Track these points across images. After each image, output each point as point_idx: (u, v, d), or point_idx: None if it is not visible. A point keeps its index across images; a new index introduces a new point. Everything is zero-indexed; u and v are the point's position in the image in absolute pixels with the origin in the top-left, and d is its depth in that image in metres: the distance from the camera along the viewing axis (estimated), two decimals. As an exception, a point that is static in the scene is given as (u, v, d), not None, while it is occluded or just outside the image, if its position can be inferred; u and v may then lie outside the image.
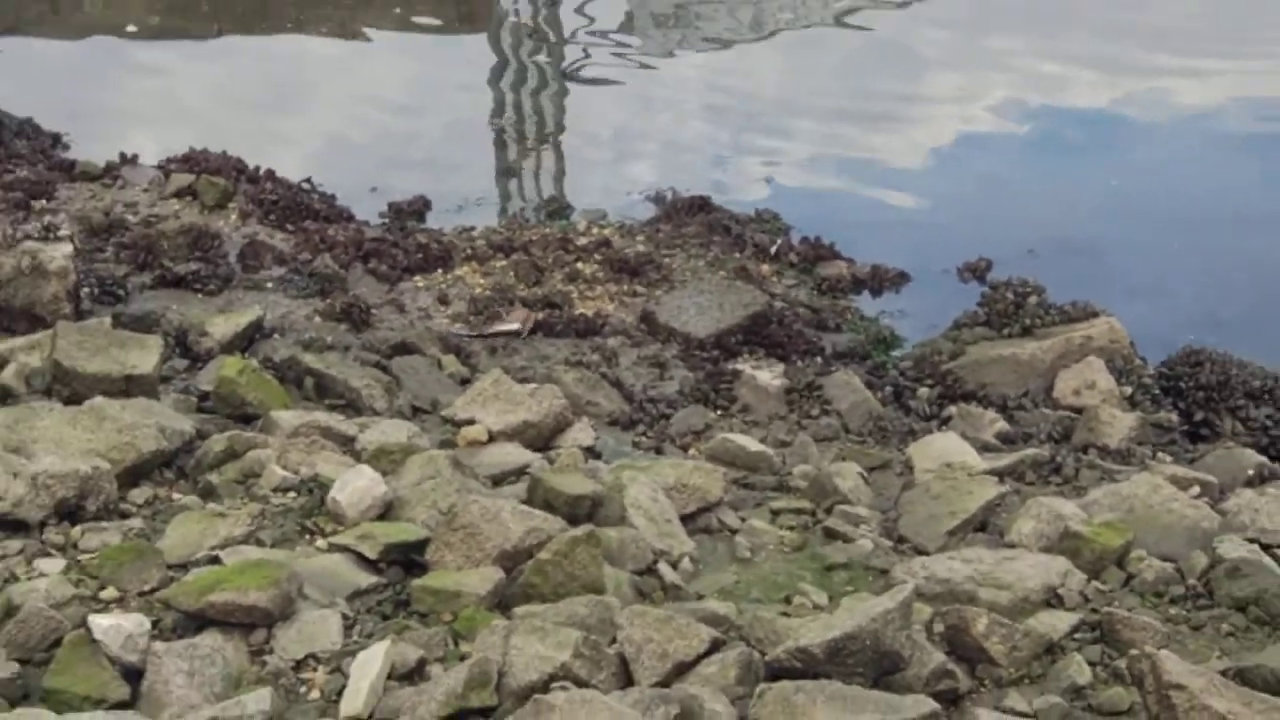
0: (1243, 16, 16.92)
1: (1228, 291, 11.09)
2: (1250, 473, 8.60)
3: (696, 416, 9.32)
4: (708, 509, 7.82)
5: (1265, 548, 7.30)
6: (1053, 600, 6.88)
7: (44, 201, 11.18)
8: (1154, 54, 15.62)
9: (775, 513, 7.94)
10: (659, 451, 8.84)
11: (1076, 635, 6.62)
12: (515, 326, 10.09)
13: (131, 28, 15.80)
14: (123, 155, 12.06)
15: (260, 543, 6.84)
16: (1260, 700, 5.70)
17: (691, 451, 8.81)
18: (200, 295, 10.04)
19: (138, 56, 15.35)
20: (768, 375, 9.77)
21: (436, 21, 17.01)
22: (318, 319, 9.93)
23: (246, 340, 9.34)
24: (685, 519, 7.65)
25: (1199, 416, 9.48)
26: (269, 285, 10.39)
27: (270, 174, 11.88)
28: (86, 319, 9.22)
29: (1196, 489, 8.10)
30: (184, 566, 6.58)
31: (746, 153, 13.79)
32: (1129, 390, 9.63)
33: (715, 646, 6.21)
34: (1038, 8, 17.24)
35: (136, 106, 13.91)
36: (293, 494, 7.28)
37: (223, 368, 8.62)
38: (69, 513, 6.93)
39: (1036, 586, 6.90)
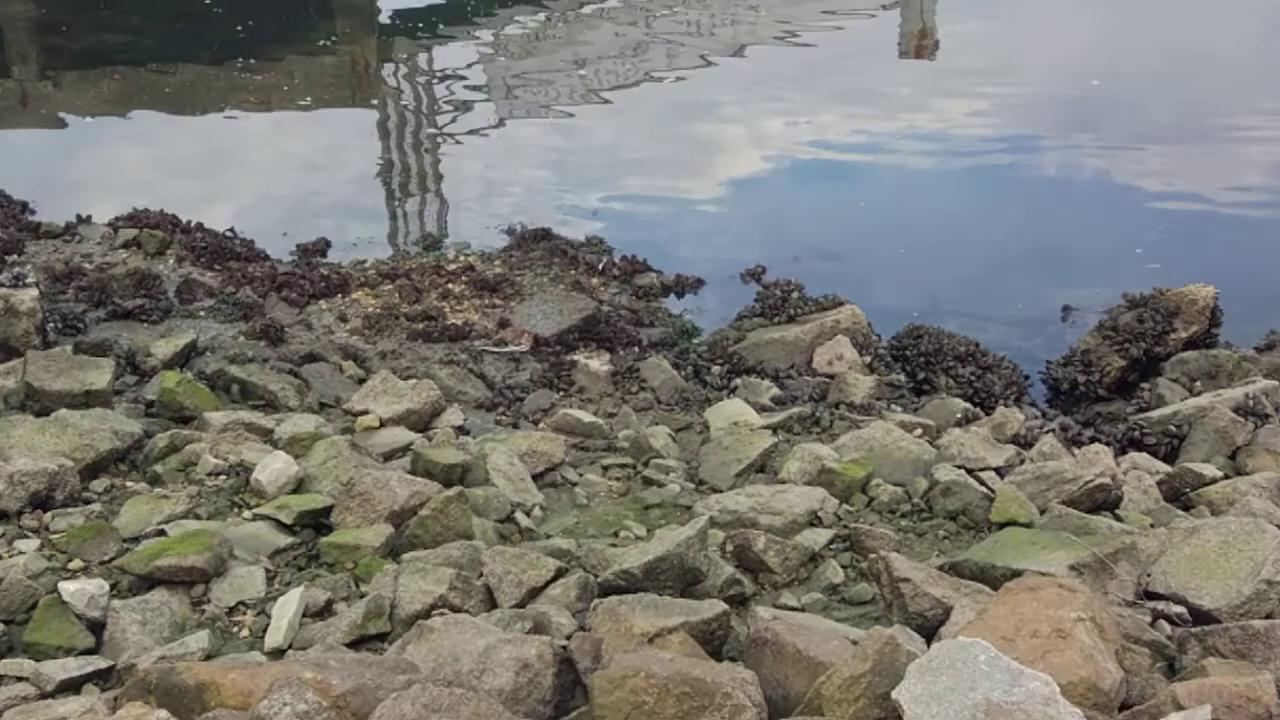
0: (947, 83, 17.16)
1: (941, 282, 11.24)
2: (958, 416, 8.79)
3: (544, 398, 9.31)
4: (553, 468, 7.83)
5: (969, 472, 7.46)
6: (814, 521, 6.97)
7: (15, 256, 10.86)
8: (889, 111, 15.79)
9: (605, 468, 7.98)
10: (515, 426, 8.80)
11: (832, 546, 6.73)
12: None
13: (86, 117, 15.48)
14: (79, 216, 11.79)
15: (198, 517, 6.77)
16: (966, 585, 5.83)
17: (540, 425, 8.77)
18: (145, 324, 9.83)
19: (90, 137, 15.05)
20: (598, 363, 9.80)
21: (333, 99, 16.80)
22: (241, 338, 9.77)
23: (184, 358, 9.17)
24: (536, 477, 7.66)
25: (921, 376, 9.64)
26: (201, 314, 10.19)
27: (200, 226, 11.70)
28: (52, 348, 9.04)
29: (919, 430, 8.26)
30: (136, 539, 6.50)
31: (580, 193, 13.76)
32: (868, 359, 9.75)
33: (560, 574, 6.24)
34: (798, 75, 17.34)
35: (89, 177, 13.61)
36: (223, 477, 7.20)
37: (164, 380, 8.48)
38: (41, 502, 6.81)
39: (802, 511, 6.99)
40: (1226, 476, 7.77)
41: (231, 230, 11.84)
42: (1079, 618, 4.98)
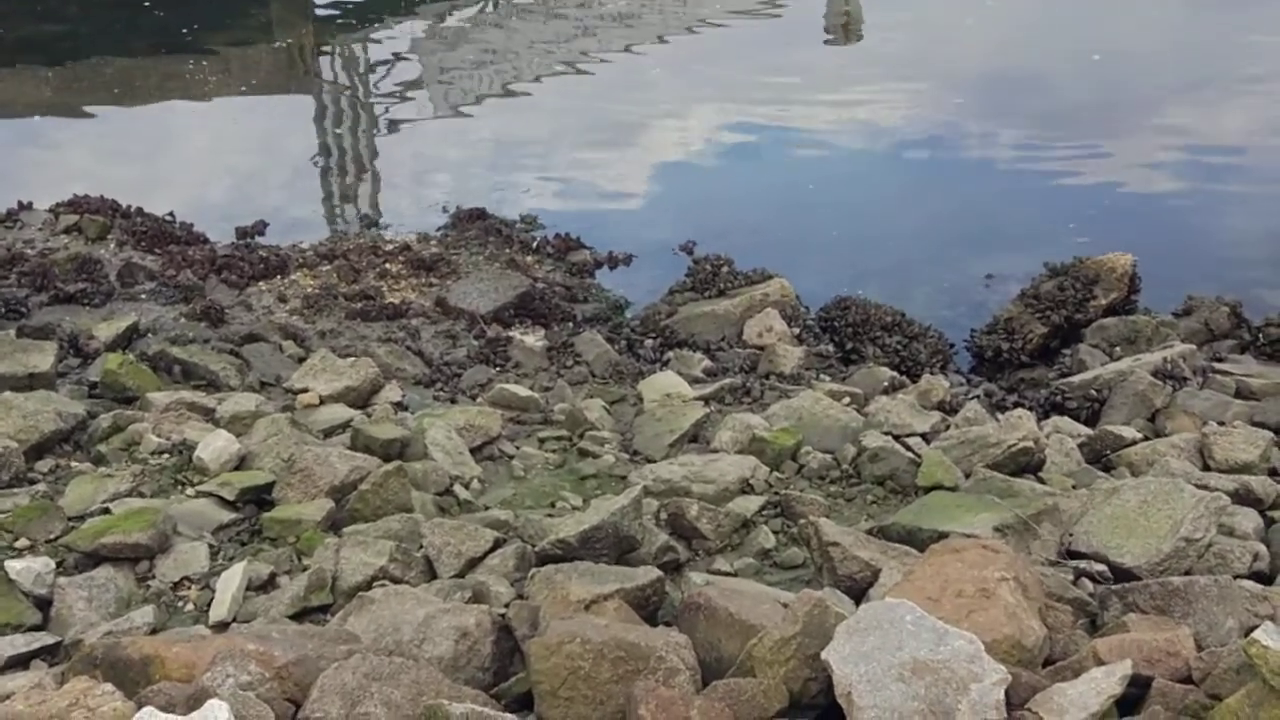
0: (872, 66, 17.16)
1: (867, 255, 11.27)
2: (885, 384, 8.80)
3: (481, 373, 9.26)
4: (490, 441, 7.80)
5: (896, 438, 7.48)
6: (746, 488, 6.98)
7: (-45, 244, 10.80)
8: (815, 93, 15.77)
9: (541, 440, 7.94)
10: (453, 402, 8.75)
11: (764, 512, 6.75)
12: None
13: (24, 106, 15.25)
14: (20, 203, 11.59)
15: (142, 495, 6.74)
16: (893, 548, 5.85)
17: (478, 400, 8.74)
18: (87, 308, 9.72)
19: (29, 126, 14.84)
20: (533, 339, 9.76)
21: (269, 86, 16.64)
22: (182, 320, 9.66)
23: (126, 340, 9.09)
24: (474, 450, 7.63)
25: (848, 346, 9.65)
26: (142, 296, 10.08)
27: (140, 211, 11.54)
28: (-5, 333, 8.97)
29: (847, 399, 8.26)
30: (81, 518, 6.49)
31: (514, 174, 13.69)
32: (797, 331, 9.77)
33: (498, 544, 6.24)
34: (726, 60, 17.28)
35: (29, 165, 13.44)
36: (166, 456, 7.17)
37: (107, 362, 8.39)
38: (-15, 483, 6.79)
39: (734, 479, 7.00)
40: (1146, 438, 7.83)
41: (171, 215, 11.71)
42: (1002, 577, 5.00)
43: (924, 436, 7.66)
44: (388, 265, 10.94)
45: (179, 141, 14.76)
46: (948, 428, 7.83)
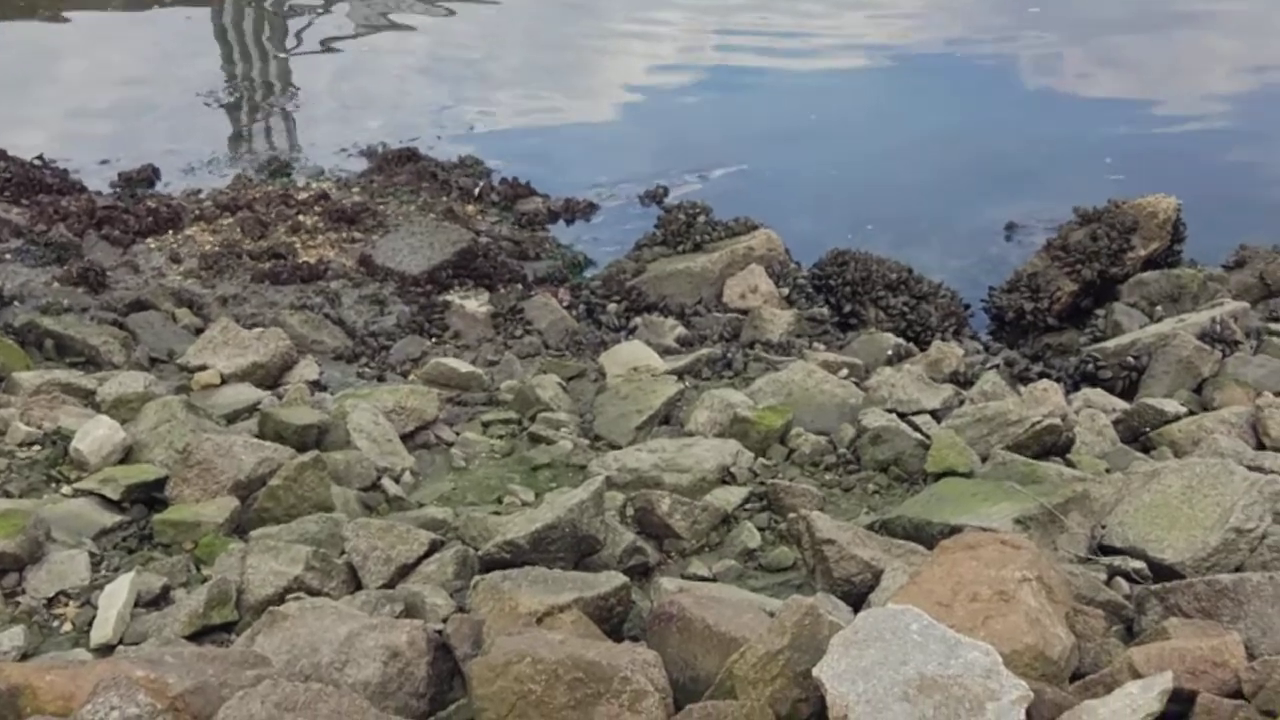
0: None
1: (868, 200, 11.33)
2: (889, 353, 8.86)
3: (413, 345, 9.29)
4: (425, 426, 7.84)
5: (901, 416, 7.51)
6: (726, 478, 6.99)
7: None
8: (806, 3, 15.80)
9: (486, 424, 7.97)
10: (380, 379, 8.79)
11: (747, 506, 6.76)
12: None
13: None
14: None
15: (8, 494, 6.70)
16: (898, 545, 5.88)
17: (410, 377, 8.75)
18: (-60, 272, 9.78)
19: None
20: (475, 304, 9.79)
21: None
22: (55, 285, 9.67)
23: (-13, 310, 9.11)
24: (405, 437, 7.66)
25: (847, 309, 9.71)
26: (6, 257, 10.07)
27: (2, 153, 11.54)
28: None
29: (845, 371, 8.31)
30: (-64, 522, 6.45)
31: (452, 107, 13.70)
32: (786, 290, 9.81)
33: (434, 548, 6.25)
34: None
35: None
36: (37, 447, 7.12)
37: (-36, 337, 8.40)
38: None
39: (712, 467, 7.01)
40: (1191, 413, 7.88)
41: (40, 158, 11.70)
42: (1024, 578, 5.04)
43: (934, 414, 7.71)
44: (301, 217, 10.95)
45: (48, 66, 14.69)
46: (962, 403, 7.87)
